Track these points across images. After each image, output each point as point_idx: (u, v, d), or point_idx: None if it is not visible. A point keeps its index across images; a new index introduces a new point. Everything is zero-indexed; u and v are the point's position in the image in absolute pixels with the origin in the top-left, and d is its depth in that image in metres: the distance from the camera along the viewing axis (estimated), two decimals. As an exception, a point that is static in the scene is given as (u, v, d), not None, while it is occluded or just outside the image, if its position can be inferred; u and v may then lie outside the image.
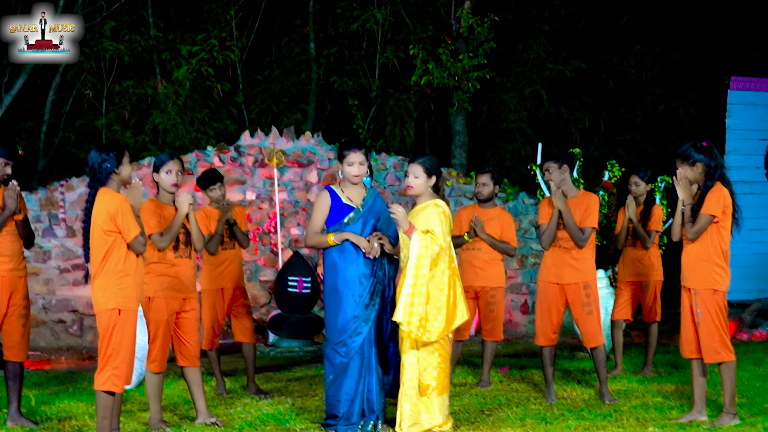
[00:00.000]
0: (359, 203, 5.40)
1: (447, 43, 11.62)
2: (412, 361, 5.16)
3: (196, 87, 12.02)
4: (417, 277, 5.04)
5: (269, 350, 8.94)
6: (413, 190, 5.28)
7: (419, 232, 5.10)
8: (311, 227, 5.40)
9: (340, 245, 5.33)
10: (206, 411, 5.50)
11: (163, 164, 5.42)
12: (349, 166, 5.36)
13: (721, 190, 5.33)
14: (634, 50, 13.40)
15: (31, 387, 6.79)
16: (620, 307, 7.34)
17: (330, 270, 5.36)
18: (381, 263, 5.36)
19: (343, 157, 5.37)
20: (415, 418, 5.15)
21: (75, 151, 12.32)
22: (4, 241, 5.56)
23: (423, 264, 5.05)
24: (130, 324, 4.75)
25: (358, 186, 5.44)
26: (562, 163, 6.19)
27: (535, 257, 10.55)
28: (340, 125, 13.27)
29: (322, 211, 5.37)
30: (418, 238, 5.09)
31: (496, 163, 12.93)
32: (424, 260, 5.05)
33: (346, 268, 5.31)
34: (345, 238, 5.30)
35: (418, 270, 5.05)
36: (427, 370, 5.15)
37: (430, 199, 5.29)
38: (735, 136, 10.94)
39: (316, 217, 5.39)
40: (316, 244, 5.38)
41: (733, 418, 5.32)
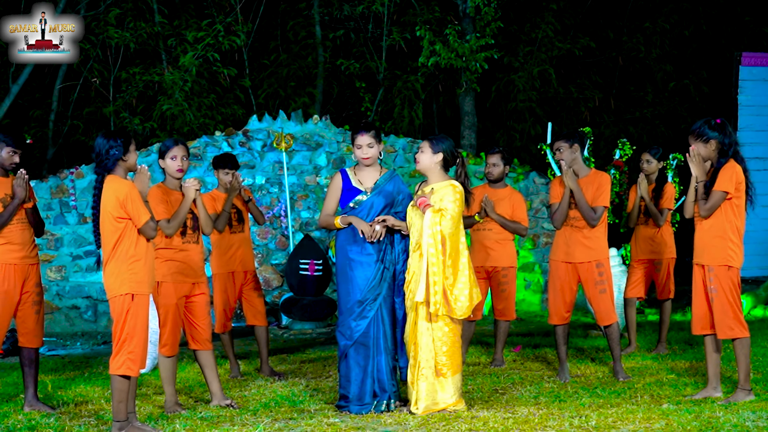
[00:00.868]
0: (370, 186, 5.40)
1: (454, 23, 11.55)
2: (427, 342, 5.17)
3: (203, 73, 12.00)
4: (432, 255, 5.07)
5: (282, 333, 8.97)
6: (418, 165, 5.35)
7: (432, 209, 5.12)
8: (324, 209, 5.49)
9: (348, 228, 5.36)
10: (221, 393, 5.53)
11: (168, 150, 5.43)
12: (357, 149, 5.38)
13: (734, 167, 5.29)
14: (643, 27, 13.29)
15: (48, 372, 6.84)
16: (633, 285, 7.31)
17: (339, 252, 5.42)
18: (390, 247, 5.35)
19: (352, 141, 5.41)
20: (432, 398, 5.17)
21: (84, 138, 12.35)
22: (15, 230, 5.58)
23: (436, 240, 5.09)
24: (143, 308, 4.76)
25: (372, 168, 5.44)
26: (572, 142, 6.16)
27: (546, 237, 10.53)
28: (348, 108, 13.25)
29: (335, 193, 5.44)
30: (430, 215, 5.11)
31: (505, 144, 12.88)
32: (437, 236, 5.09)
33: (352, 251, 5.33)
34: (349, 222, 5.33)
35: (432, 247, 5.08)
36: (442, 350, 5.16)
37: (441, 179, 5.29)
38: (747, 112, 10.87)
39: (328, 200, 5.47)
40: (326, 225, 5.48)
41: (748, 394, 5.30)
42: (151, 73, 11.83)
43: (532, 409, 5.19)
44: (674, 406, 5.16)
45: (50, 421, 5.18)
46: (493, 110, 13.38)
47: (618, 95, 13.67)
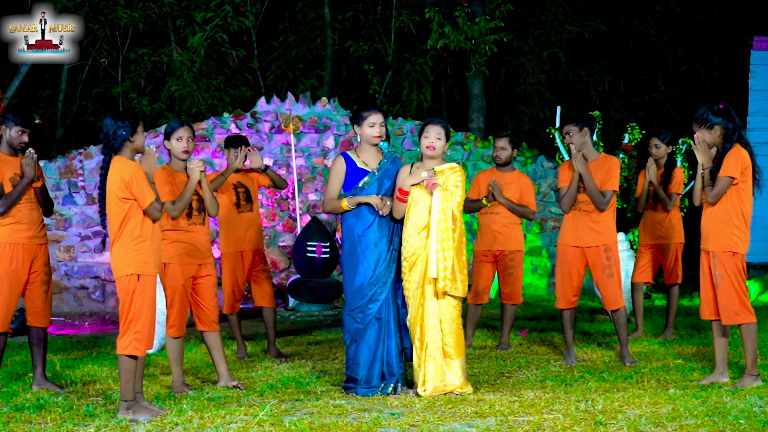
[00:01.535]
0: (375, 167, 5.38)
1: (463, 6, 11.49)
2: (435, 323, 5.18)
3: (211, 54, 11.99)
4: (442, 232, 5.10)
5: (289, 314, 9.00)
6: (436, 150, 5.27)
7: (440, 188, 5.13)
8: (328, 193, 5.41)
9: (356, 210, 5.34)
10: (228, 374, 5.55)
11: (173, 131, 5.42)
12: (370, 127, 5.34)
13: (739, 152, 5.26)
14: (654, 11, 13.19)
15: (56, 352, 6.88)
16: (641, 269, 7.30)
17: (347, 235, 5.39)
18: (397, 228, 5.36)
19: (362, 119, 5.35)
20: (441, 379, 5.19)
21: (92, 119, 12.36)
22: (24, 209, 5.59)
23: (446, 217, 5.12)
24: (149, 288, 4.77)
25: (375, 150, 5.42)
26: (582, 126, 6.13)
27: (554, 221, 10.51)
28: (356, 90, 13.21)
29: (338, 176, 5.38)
30: (439, 194, 5.12)
31: (514, 127, 12.84)
32: (447, 213, 5.12)
33: (362, 233, 5.31)
34: (358, 202, 5.31)
35: (442, 224, 5.10)
36: (450, 331, 5.19)
37: (441, 162, 5.31)
38: (758, 96, 10.78)
39: (332, 183, 5.40)
40: (332, 209, 5.40)
41: (755, 380, 5.29)
42: (160, 54, 11.83)
43: (538, 393, 5.20)
44: (681, 391, 5.16)
45: (58, 400, 5.22)
46: (502, 93, 13.33)
47: (628, 79, 13.59)
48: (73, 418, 4.77)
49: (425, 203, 5.21)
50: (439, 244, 5.10)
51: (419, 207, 5.24)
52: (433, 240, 5.10)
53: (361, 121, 5.35)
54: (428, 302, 5.18)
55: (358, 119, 5.37)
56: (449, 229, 5.12)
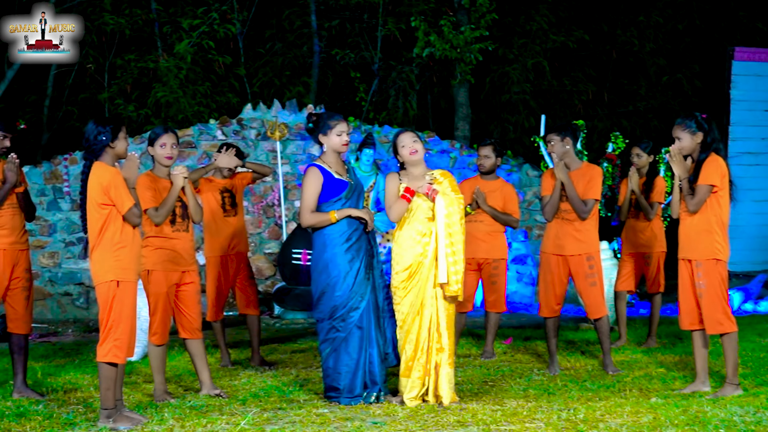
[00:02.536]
0: (347, 176, 5.38)
1: (449, 14, 11.53)
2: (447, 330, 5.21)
3: (198, 60, 11.98)
4: (451, 236, 5.15)
5: (274, 322, 8.98)
6: (419, 153, 5.30)
7: (442, 193, 5.18)
8: (306, 206, 5.28)
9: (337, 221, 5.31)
10: (210, 383, 5.53)
11: (157, 138, 5.40)
12: (338, 135, 5.31)
13: (717, 160, 5.31)
14: (637, 21, 13.29)
15: (38, 359, 6.84)
16: (623, 278, 7.34)
17: (322, 247, 5.31)
18: (371, 235, 5.37)
19: (330, 128, 5.30)
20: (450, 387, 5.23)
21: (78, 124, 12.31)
22: (5, 215, 5.56)
23: (454, 221, 5.18)
24: (129, 295, 4.76)
25: (340, 158, 5.40)
26: (564, 135, 6.16)
27: (539, 229, 10.54)
28: (342, 98, 13.22)
29: (316, 188, 5.27)
30: (443, 199, 5.17)
31: (499, 135, 12.89)
32: (454, 217, 5.18)
33: (340, 243, 5.27)
34: (347, 215, 5.27)
35: (450, 228, 5.16)
36: (451, 338, 5.23)
37: (425, 169, 5.34)
38: (739, 107, 10.88)
39: (309, 196, 5.27)
40: (316, 222, 5.30)
41: (736, 389, 5.33)
42: (146, 60, 11.81)
43: (521, 402, 5.21)
44: (662, 400, 5.18)
45: (39, 408, 5.19)
46: (488, 102, 13.38)
47: (611, 88, 13.67)
48: (53, 426, 4.75)
49: (424, 210, 5.21)
50: (449, 248, 5.14)
51: (418, 214, 5.24)
52: (442, 245, 5.14)
53: (328, 130, 5.31)
54: (442, 312, 5.20)
55: (324, 128, 5.32)
56: (457, 233, 5.16)
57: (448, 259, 5.14)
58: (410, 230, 5.23)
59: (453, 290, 5.17)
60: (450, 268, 5.15)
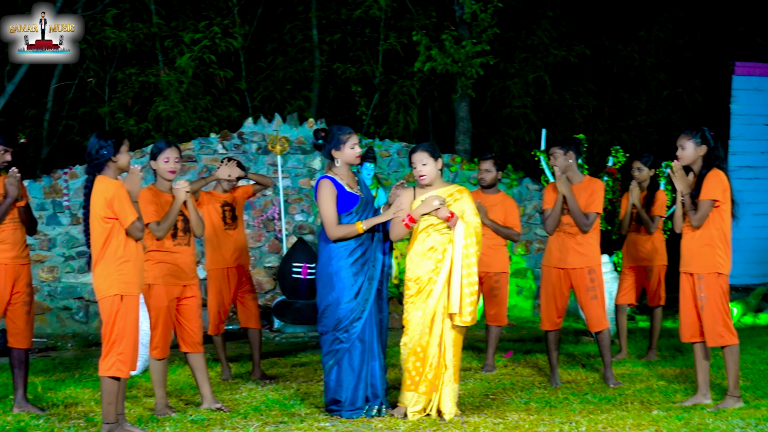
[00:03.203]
0: (357, 189, 5.38)
1: (450, 29, 11.58)
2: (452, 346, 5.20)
3: (199, 74, 12.01)
4: (468, 267, 5.12)
5: (274, 336, 8.97)
6: (427, 178, 5.24)
7: (462, 220, 5.14)
8: (329, 220, 5.24)
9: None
10: (211, 396, 5.52)
11: (160, 152, 5.40)
12: (351, 148, 5.33)
13: (719, 174, 5.34)
14: (638, 36, 13.34)
15: (38, 373, 6.82)
16: (624, 291, 7.34)
17: (328, 260, 5.30)
18: (375, 247, 5.35)
19: (343, 142, 5.31)
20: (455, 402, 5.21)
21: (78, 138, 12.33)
22: (7, 229, 5.56)
23: (470, 252, 5.14)
24: (132, 309, 4.76)
25: (350, 170, 5.42)
26: (567, 149, 6.18)
27: (539, 243, 10.55)
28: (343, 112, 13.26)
29: (332, 200, 5.27)
30: (463, 229, 5.13)
31: (500, 149, 12.91)
32: (471, 249, 5.14)
33: (345, 257, 5.26)
34: (374, 224, 5.26)
35: (467, 259, 5.12)
36: (458, 355, 5.22)
37: (443, 185, 5.28)
38: (740, 121, 10.92)
39: (329, 209, 5.25)
40: (345, 235, 5.24)
41: (737, 401, 5.32)
42: (147, 74, 11.84)
43: (522, 415, 5.20)
44: (664, 413, 5.18)
45: (39, 422, 5.17)
46: (488, 116, 13.41)
47: (612, 103, 13.71)
48: (54, 440, 4.74)
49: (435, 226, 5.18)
50: (466, 279, 5.10)
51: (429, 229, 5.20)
52: (457, 275, 5.10)
53: (341, 144, 5.32)
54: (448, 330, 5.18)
55: (337, 143, 5.32)
56: (474, 264, 5.12)
57: (464, 290, 5.10)
58: (420, 246, 5.22)
59: (465, 321, 5.13)
60: (464, 299, 5.11)
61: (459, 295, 5.09)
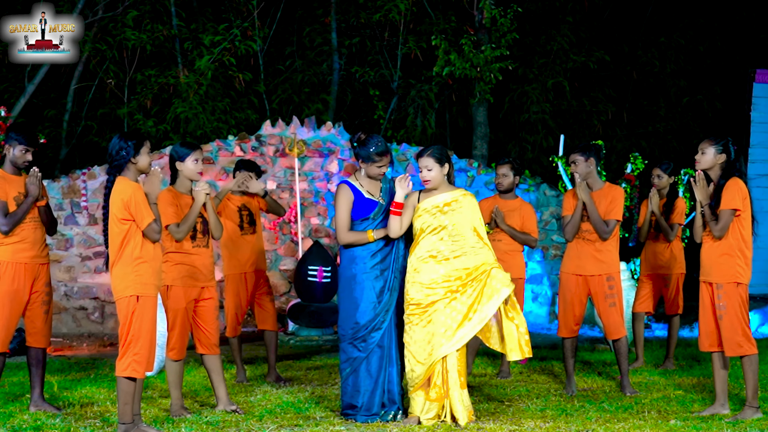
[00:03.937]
0: (378, 196, 5.37)
1: (469, 34, 11.56)
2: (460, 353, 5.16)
3: (218, 77, 12.05)
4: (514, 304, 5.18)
5: (289, 339, 8.97)
6: (431, 183, 5.23)
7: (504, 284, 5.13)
8: (342, 224, 5.26)
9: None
10: (227, 398, 5.53)
11: (189, 154, 5.39)
12: (378, 168, 5.31)
13: (738, 183, 5.30)
14: (658, 42, 13.27)
15: (54, 373, 6.86)
16: (642, 299, 7.29)
17: (349, 262, 5.30)
18: (396, 255, 5.33)
19: (373, 161, 5.28)
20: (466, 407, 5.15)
21: (97, 139, 12.40)
22: (27, 228, 5.59)
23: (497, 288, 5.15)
24: (149, 310, 4.77)
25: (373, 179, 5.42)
26: (588, 155, 6.14)
27: (555, 249, 10.50)
28: (361, 115, 13.26)
29: (348, 206, 5.28)
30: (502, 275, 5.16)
31: (517, 155, 12.88)
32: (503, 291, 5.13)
33: (366, 262, 5.26)
34: (385, 234, 5.26)
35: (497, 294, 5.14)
36: (462, 361, 5.17)
37: (449, 190, 5.27)
38: (759, 129, 10.83)
39: (343, 214, 5.27)
40: (354, 241, 5.26)
41: (756, 412, 5.27)
42: (167, 76, 11.89)
43: (538, 422, 5.17)
44: (681, 423, 5.13)
45: (56, 421, 5.19)
46: (506, 121, 13.38)
47: (631, 109, 13.64)
48: (71, 439, 4.75)
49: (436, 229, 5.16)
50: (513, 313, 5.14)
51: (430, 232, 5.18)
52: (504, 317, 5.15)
53: (371, 162, 5.30)
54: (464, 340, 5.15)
55: (368, 159, 5.28)
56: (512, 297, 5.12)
57: (519, 330, 5.12)
58: (421, 251, 5.19)
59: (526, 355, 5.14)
60: (521, 339, 5.11)
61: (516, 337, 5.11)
